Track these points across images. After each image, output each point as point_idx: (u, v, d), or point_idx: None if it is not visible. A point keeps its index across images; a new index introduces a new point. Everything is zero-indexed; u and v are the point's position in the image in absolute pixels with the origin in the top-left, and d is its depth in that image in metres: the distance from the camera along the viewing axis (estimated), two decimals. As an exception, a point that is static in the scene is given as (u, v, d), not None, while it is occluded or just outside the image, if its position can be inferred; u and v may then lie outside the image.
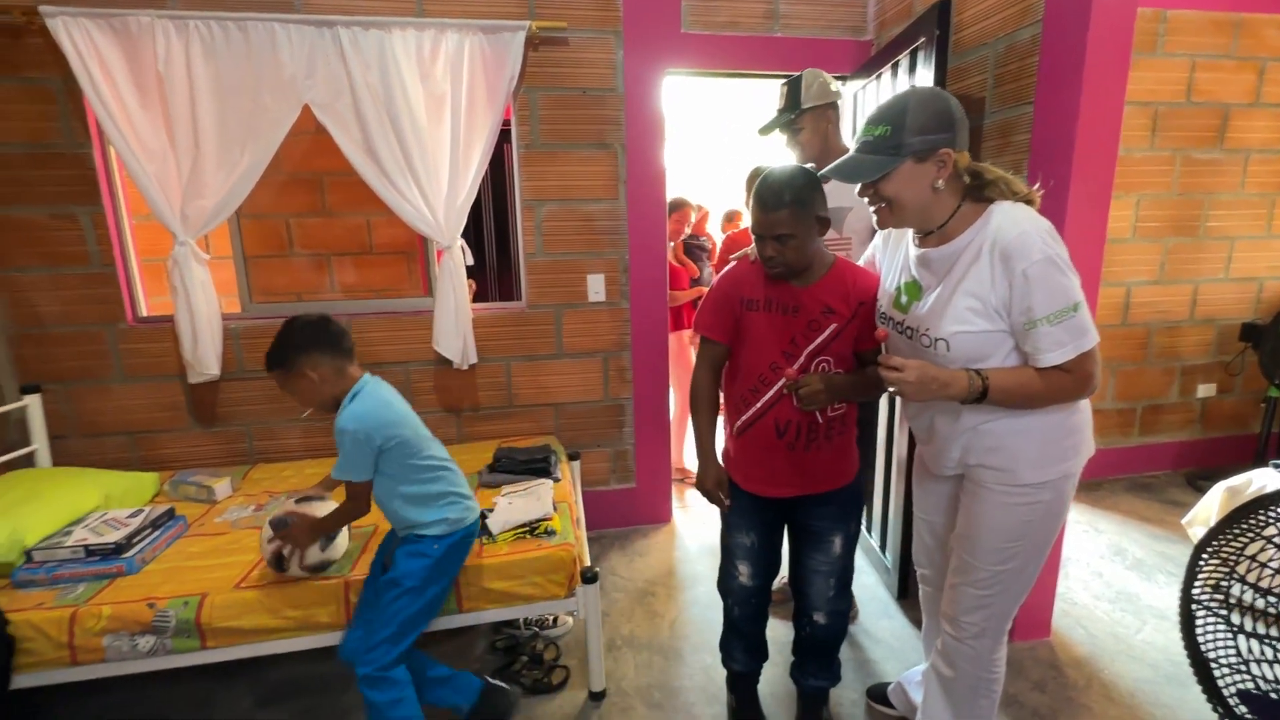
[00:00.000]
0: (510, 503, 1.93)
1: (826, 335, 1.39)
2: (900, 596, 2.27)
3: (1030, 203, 1.20)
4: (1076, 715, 1.75)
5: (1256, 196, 3.11)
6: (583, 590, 1.74)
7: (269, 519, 1.60)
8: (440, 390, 2.59)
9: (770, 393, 1.43)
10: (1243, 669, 1.39)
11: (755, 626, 1.66)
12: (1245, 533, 1.45)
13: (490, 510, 1.89)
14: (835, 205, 1.69)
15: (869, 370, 1.39)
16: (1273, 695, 1.34)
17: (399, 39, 2.20)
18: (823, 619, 1.57)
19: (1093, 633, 2.09)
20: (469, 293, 2.47)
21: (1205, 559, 1.50)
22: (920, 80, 2.01)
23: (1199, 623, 1.48)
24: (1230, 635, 1.43)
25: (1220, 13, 2.86)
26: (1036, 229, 1.12)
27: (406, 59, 2.21)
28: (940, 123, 1.15)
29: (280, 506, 1.63)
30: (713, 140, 6.04)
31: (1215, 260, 3.16)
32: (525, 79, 2.40)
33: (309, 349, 1.44)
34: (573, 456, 2.54)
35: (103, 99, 2.05)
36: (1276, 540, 1.39)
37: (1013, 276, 1.12)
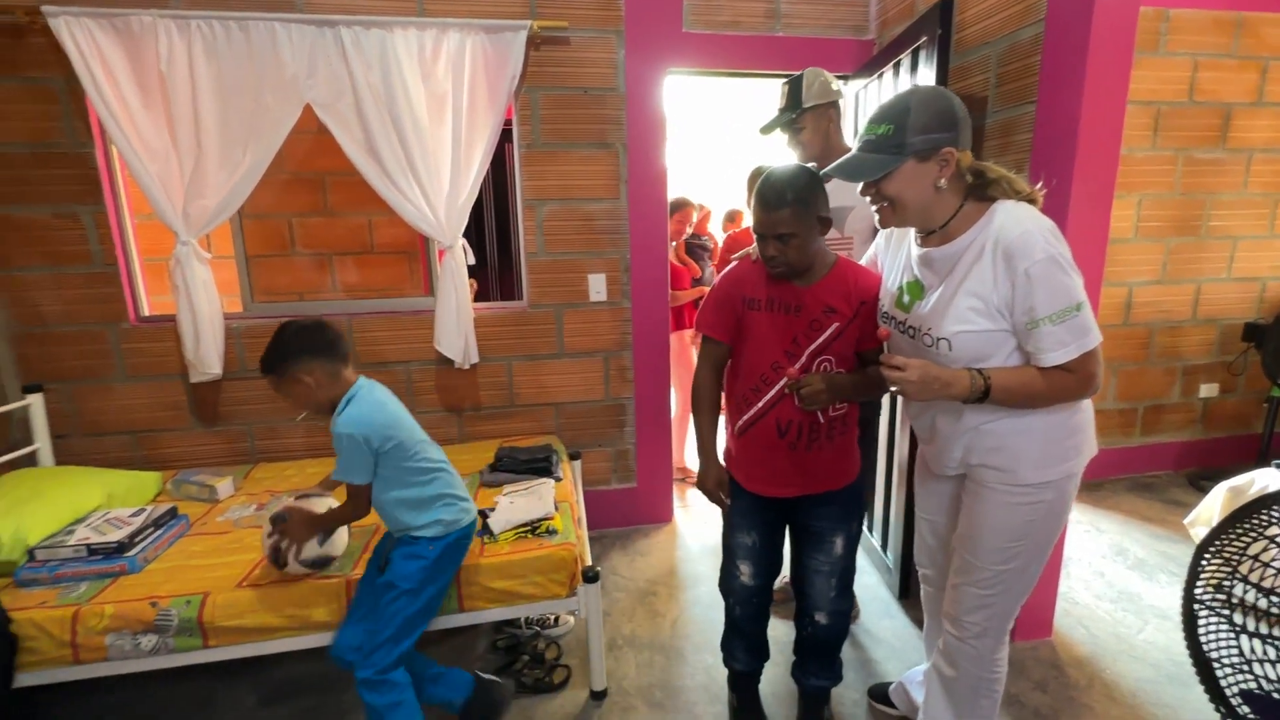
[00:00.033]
0: (512, 502, 1.94)
1: (828, 335, 1.39)
2: (902, 596, 2.27)
3: (1033, 202, 1.20)
4: (1078, 715, 1.75)
5: (1259, 196, 3.10)
6: (584, 589, 1.74)
7: (270, 515, 1.61)
8: (442, 390, 2.59)
9: (772, 392, 1.42)
10: (1245, 669, 1.39)
11: (757, 626, 1.66)
12: (1248, 532, 1.45)
13: (492, 509, 1.90)
14: (837, 204, 1.69)
15: (871, 370, 1.39)
16: (1275, 695, 1.34)
17: (400, 38, 2.20)
18: (824, 619, 1.57)
19: (1094, 632, 2.08)
20: (470, 292, 2.46)
21: (1208, 559, 1.49)
22: (922, 80, 2.01)
23: (1201, 622, 1.48)
24: (1233, 635, 1.43)
25: (1222, 12, 2.85)
26: (1039, 228, 1.12)
27: (408, 58, 2.21)
28: (943, 122, 1.15)
29: (281, 504, 1.63)
30: (714, 140, 6.04)
31: (1218, 260, 3.15)
32: (527, 78, 2.40)
33: (303, 354, 1.44)
34: (574, 456, 2.54)
35: (105, 98, 2.05)
36: (1279, 540, 1.39)
37: (1015, 276, 1.12)
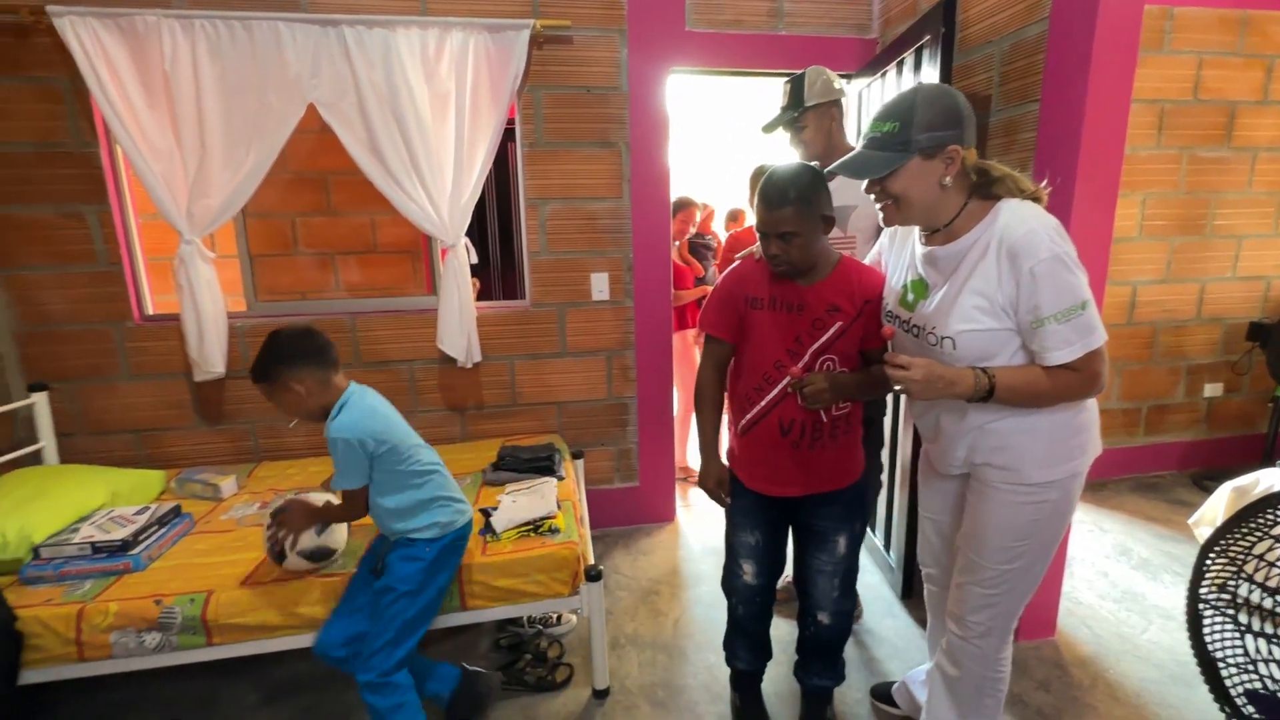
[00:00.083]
0: (514, 501, 1.94)
1: (831, 334, 1.39)
2: (904, 596, 2.26)
3: (1037, 200, 1.19)
4: (1081, 715, 1.74)
5: (1264, 195, 3.09)
6: (586, 588, 1.75)
7: (270, 511, 1.62)
8: (444, 389, 2.60)
9: (775, 391, 1.42)
10: (1250, 669, 1.39)
11: (759, 625, 1.66)
12: (1253, 532, 1.44)
13: (494, 508, 1.90)
14: (840, 203, 1.69)
15: (874, 369, 1.39)
16: (1280, 695, 1.34)
17: (404, 38, 2.20)
18: (827, 618, 1.56)
19: (1098, 632, 2.08)
20: (473, 291, 2.47)
21: (1212, 558, 1.49)
22: (925, 78, 2.00)
23: (1206, 622, 1.47)
24: (1238, 635, 1.42)
25: (1227, 10, 2.84)
26: (1044, 226, 1.11)
27: (411, 58, 2.21)
28: (948, 119, 1.14)
29: (283, 501, 1.64)
30: (717, 139, 6.03)
31: (1222, 259, 3.14)
32: (529, 78, 2.40)
33: (293, 361, 1.44)
34: (576, 455, 2.54)
35: (109, 98, 2.06)
36: (1284, 540, 1.38)
37: (1020, 274, 1.11)
